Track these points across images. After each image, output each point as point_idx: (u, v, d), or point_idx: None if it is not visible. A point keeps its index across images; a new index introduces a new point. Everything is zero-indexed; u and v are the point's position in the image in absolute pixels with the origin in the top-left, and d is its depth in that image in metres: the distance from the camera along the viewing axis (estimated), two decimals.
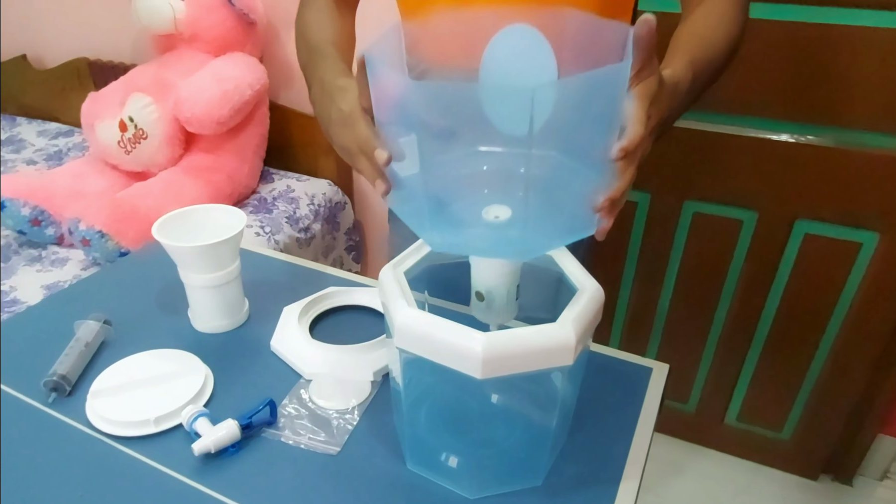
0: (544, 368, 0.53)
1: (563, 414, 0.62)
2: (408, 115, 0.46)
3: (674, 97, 0.58)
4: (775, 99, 1.30)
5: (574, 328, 0.52)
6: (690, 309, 1.58)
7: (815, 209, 1.34)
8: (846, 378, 1.49)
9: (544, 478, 0.63)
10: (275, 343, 0.81)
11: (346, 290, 0.91)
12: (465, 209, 0.53)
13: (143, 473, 0.63)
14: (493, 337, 0.50)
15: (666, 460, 1.71)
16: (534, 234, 0.49)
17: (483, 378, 0.50)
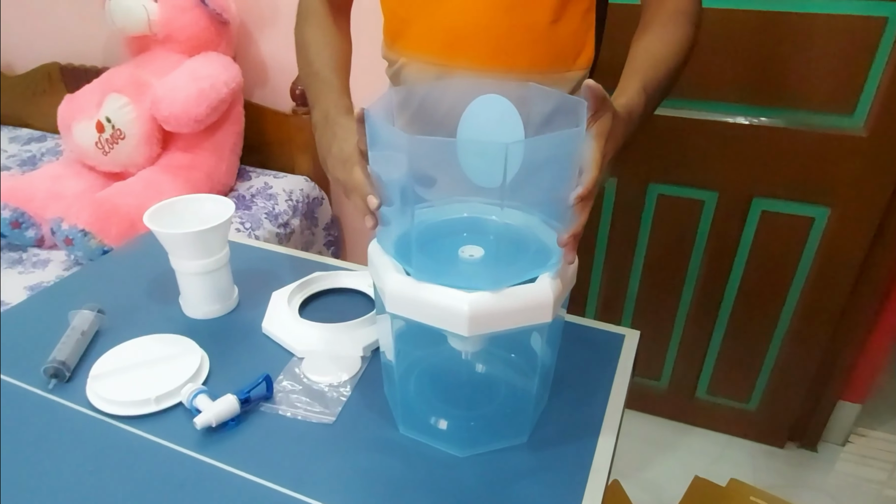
0: (525, 326, 0.58)
1: (543, 375, 0.67)
2: (400, 164, 0.54)
3: (628, 125, 0.66)
4: (731, 84, 1.37)
5: (552, 287, 0.57)
6: (659, 288, 1.65)
7: (771, 187, 1.42)
8: (806, 348, 1.57)
9: (529, 435, 0.68)
10: (266, 325, 0.85)
11: (332, 274, 0.95)
12: (444, 248, 0.62)
13: (149, 449, 0.66)
14: (478, 296, 0.55)
15: (640, 435, 1.78)
16: (502, 270, 0.58)
17: (470, 335, 0.55)
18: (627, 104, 0.66)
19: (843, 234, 1.40)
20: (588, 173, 0.58)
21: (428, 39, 0.86)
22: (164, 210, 0.84)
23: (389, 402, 0.72)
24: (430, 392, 0.72)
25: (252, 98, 1.85)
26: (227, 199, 0.86)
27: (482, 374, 0.74)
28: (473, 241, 0.62)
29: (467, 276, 0.59)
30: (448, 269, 0.60)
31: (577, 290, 1.75)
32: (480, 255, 0.60)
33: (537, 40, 0.82)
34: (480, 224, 0.64)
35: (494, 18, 0.80)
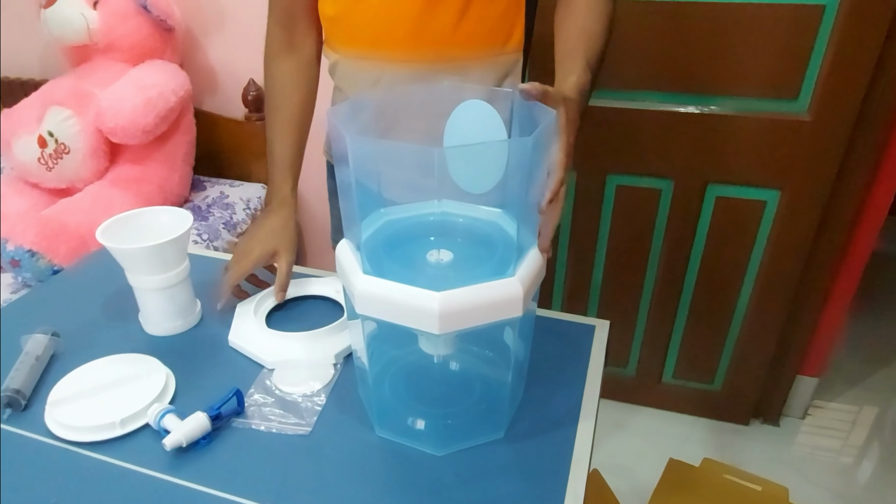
0: (497, 321, 0.58)
1: (517, 370, 0.67)
2: (368, 169, 0.55)
3: (581, 105, 0.68)
4: (680, 74, 1.41)
5: (522, 281, 0.57)
6: (623, 277, 1.68)
7: (724, 173, 1.46)
8: (764, 327, 1.62)
9: (506, 429, 0.68)
10: (233, 338, 0.82)
11: (299, 282, 0.93)
12: (412, 252, 0.62)
13: (116, 475, 0.64)
14: (447, 294, 0.54)
15: (611, 422, 1.81)
16: (471, 274, 0.58)
17: (441, 333, 0.55)
18: (577, 83, 0.69)
19: (793, 215, 1.45)
20: (553, 175, 0.59)
21: (355, 35, 0.87)
22: (118, 224, 0.80)
23: (365, 405, 0.71)
24: (405, 392, 0.71)
25: (202, 106, 1.80)
26: (185, 210, 0.83)
27: (456, 371, 0.74)
28: (442, 245, 0.61)
29: (436, 281, 0.58)
30: (416, 274, 0.59)
31: (544, 282, 1.76)
32: (449, 259, 0.60)
33: (463, 24, 0.82)
34: (449, 226, 0.64)
35: (416, 5, 0.80)
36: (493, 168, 0.54)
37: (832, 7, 1.25)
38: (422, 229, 0.64)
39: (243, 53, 1.71)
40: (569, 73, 0.71)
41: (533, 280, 0.60)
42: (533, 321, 0.70)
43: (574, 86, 0.67)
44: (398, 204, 0.64)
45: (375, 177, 0.58)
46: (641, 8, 1.35)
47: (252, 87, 1.68)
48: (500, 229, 0.63)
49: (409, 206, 0.64)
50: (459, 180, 0.54)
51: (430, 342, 0.62)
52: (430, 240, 0.63)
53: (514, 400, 0.70)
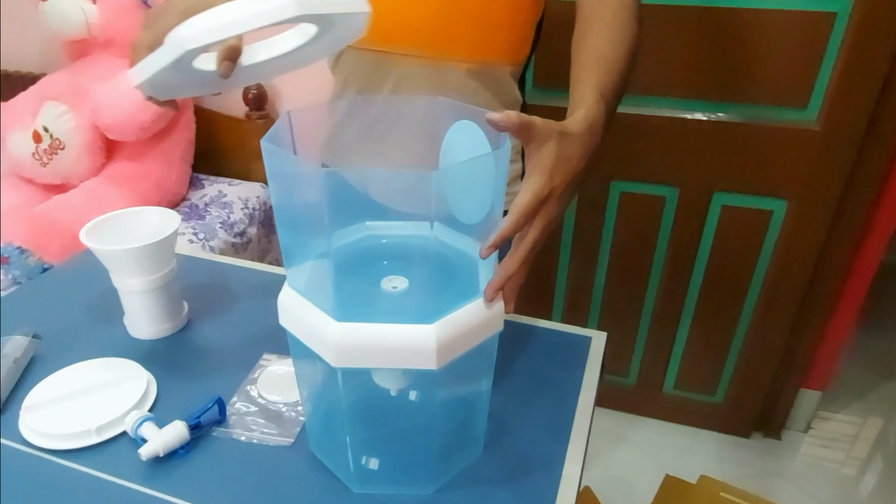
0: (484, 341, 0.55)
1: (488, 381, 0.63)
2: (312, 195, 0.49)
3: (592, 139, 0.59)
4: (688, 80, 1.38)
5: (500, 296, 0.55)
6: (624, 285, 1.65)
7: (730, 182, 1.43)
8: (768, 339, 1.59)
9: (483, 447, 0.65)
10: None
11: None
12: (364, 281, 0.57)
13: (91, 485, 0.61)
14: (441, 325, 0.50)
15: (610, 432, 1.78)
16: (433, 301, 0.52)
17: (438, 368, 0.51)
18: (587, 116, 0.60)
19: (800, 226, 1.42)
20: (507, 219, 0.52)
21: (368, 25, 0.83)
22: (105, 224, 0.78)
23: (329, 464, 0.64)
24: (378, 435, 0.65)
25: (202, 103, 1.78)
26: (173, 211, 0.81)
27: (415, 400, 0.67)
28: (396, 271, 0.56)
29: (394, 311, 0.54)
30: (371, 305, 0.55)
31: (544, 289, 1.75)
32: (405, 287, 0.55)
33: (481, 29, 0.79)
34: (401, 249, 0.59)
35: (435, 3, 0.77)
36: (473, 193, 0.50)
37: (843, 15, 1.22)
38: (358, 257, 0.59)
39: None
40: (578, 104, 0.62)
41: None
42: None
43: (581, 119, 0.59)
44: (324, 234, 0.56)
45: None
46: (648, 12, 1.31)
47: (253, 86, 1.65)
48: (459, 250, 0.57)
49: (338, 233, 0.58)
50: (452, 208, 0.51)
51: (388, 376, 0.57)
52: (383, 264, 0.58)
53: (480, 418, 0.67)
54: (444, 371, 0.52)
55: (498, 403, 0.71)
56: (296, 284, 0.56)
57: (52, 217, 1.30)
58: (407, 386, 0.59)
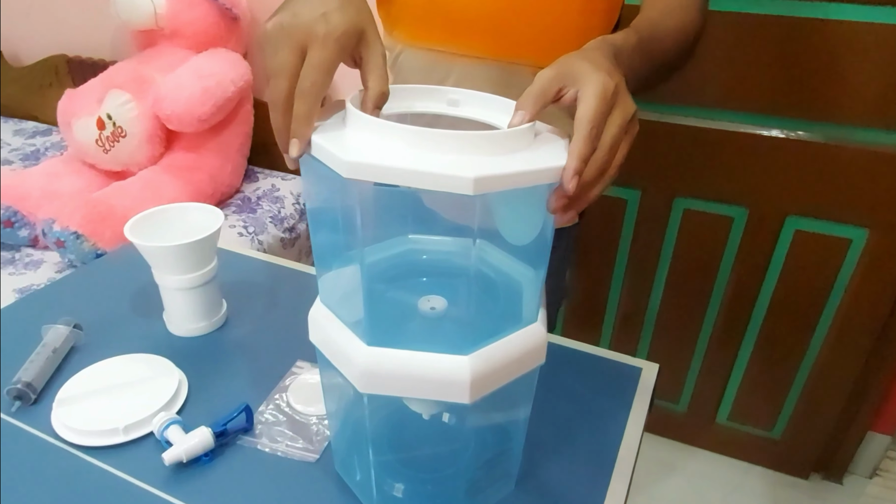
0: (522, 375, 0.50)
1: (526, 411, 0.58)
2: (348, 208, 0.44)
3: (616, 53, 0.52)
4: (766, 94, 1.29)
5: (543, 325, 0.50)
6: (681, 308, 1.57)
7: (806, 205, 1.33)
8: (836, 376, 1.48)
9: (516, 481, 0.61)
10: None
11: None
12: (400, 299, 0.52)
13: (112, 486, 0.60)
14: (477, 357, 0.46)
15: (656, 460, 1.69)
16: (466, 329, 0.48)
17: (471, 402, 0.47)
18: (603, 38, 0.53)
19: (882, 257, 1.30)
20: (579, 132, 0.43)
21: (426, 23, 0.78)
22: (151, 219, 0.78)
23: (354, 488, 0.60)
24: (406, 461, 0.62)
25: (263, 97, 1.79)
26: (217, 209, 0.80)
27: (449, 424, 0.63)
28: (435, 289, 0.52)
29: (429, 336, 0.50)
30: (405, 328, 0.51)
31: (594, 307, 1.69)
32: (443, 308, 0.50)
33: (550, 30, 0.74)
34: (443, 267, 0.55)
35: (504, 1, 0.73)
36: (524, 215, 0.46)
37: None
38: (398, 274, 0.55)
39: None
40: None
41: (546, 319, 0.52)
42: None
43: (598, 39, 0.53)
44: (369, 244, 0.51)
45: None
46: (728, 19, 1.24)
47: None
48: (487, 263, 0.53)
49: (375, 247, 0.53)
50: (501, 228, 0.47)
51: (420, 401, 0.53)
52: (421, 281, 0.54)
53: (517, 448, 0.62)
54: (477, 403, 0.48)
55: (535, 435, 0.66)
56: (328, 300, 0.53)
57: (109, 204, 1.32)
58: (439, 411, 0.55)
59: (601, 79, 0.44)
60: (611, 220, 1.53)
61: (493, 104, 0.51)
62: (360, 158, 0.39)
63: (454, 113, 0.52)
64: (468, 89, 0.52)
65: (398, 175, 0.39)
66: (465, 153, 0.41)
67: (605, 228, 1.55)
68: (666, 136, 1.37)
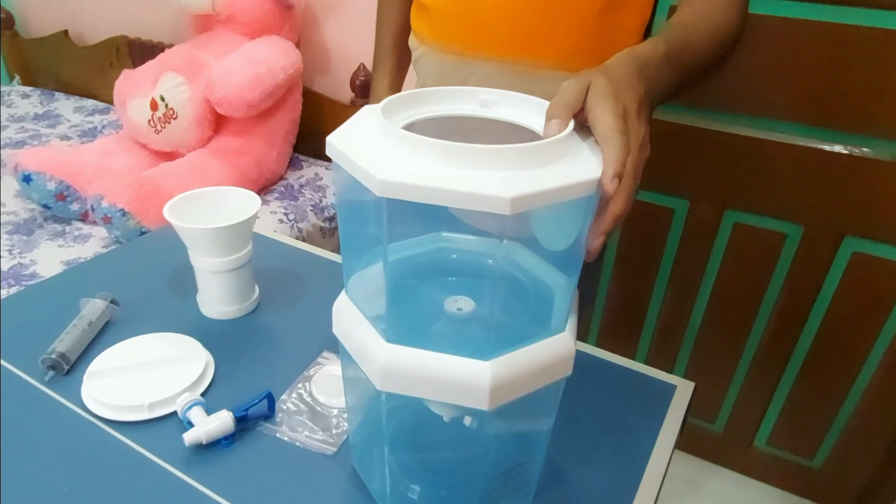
0: (546, 385, 0.48)
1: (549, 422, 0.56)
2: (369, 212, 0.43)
3: (641, 68, 0.52)
4: (830, 109, 1.22)
5: (572, 335, 0.48)
6: (724, 325, 1.51)
7: (866, 226, 1.26)
8: (886, 408, 1.39)
9: (535, 494, 0.59)
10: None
11: None
12: (426, 298, 0.51)
13: (135, 462, 0.61)
14: (498, 363, 0.45)
15: (687, 479, 1.64)
16: (491, 334, 0.46)
17: (490, 409, 0.46)
18: (630, 51, 0.53)
19: None
20: (609, 142, 0.43)
21: (448, 25, 0.77)
22: (191, 200, 0.79)
23: (368, 484, 0.59)
24: (421, 463, 0.60)
25: (312, 86, 1.80)
26: (255, 194, 0.80)
27: (469, 429, 0.61)
28: (464, 290, 0.50)
29: (452, 337, 0.48)
30: (428, 328, 0.50)
31: (632, 318, 1.64)
32: (471, 310, 0.49)
33: (576, 32, 0.72)
34: (474, 267, 0.53)
35: (537, 9, 0.71)
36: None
37: None
38: (426, 271, 0.54)
39: (357, 37, 1.70)
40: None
41: (576, 330, 0.50)
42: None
43: (624, 52, 0.53)
44: (396, 241, 0.51)
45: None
46: (792, 26, 1.18)
47: (361, 73, 1.65)
48: (526, 271, 0.52)
49: (406, 242, 0.53)
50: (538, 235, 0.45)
51: (441, 403, 0.51)
52: (450, 280, 0.53)
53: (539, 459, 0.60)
54: (498, 411, 0.47)
55: (558, 448, 0.64)
56: (353, 294, 0.52)
57: (156, 184, 1.35)
58: (460, 414, 0.54)
59: (609, 104, 0.45)
60: (656, 230, 1.48)
61: (527, 105, 0.49)
62: (393, 178, 0.38)
63: (487, 115, 0.50)
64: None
65: (433, 194, 0.38)
66: (502, 168, 0.40)
67: (650, 238, 1.50)
68: (720, 145, 1.31)
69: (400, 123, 0.47)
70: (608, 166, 0.42)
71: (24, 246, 1.35)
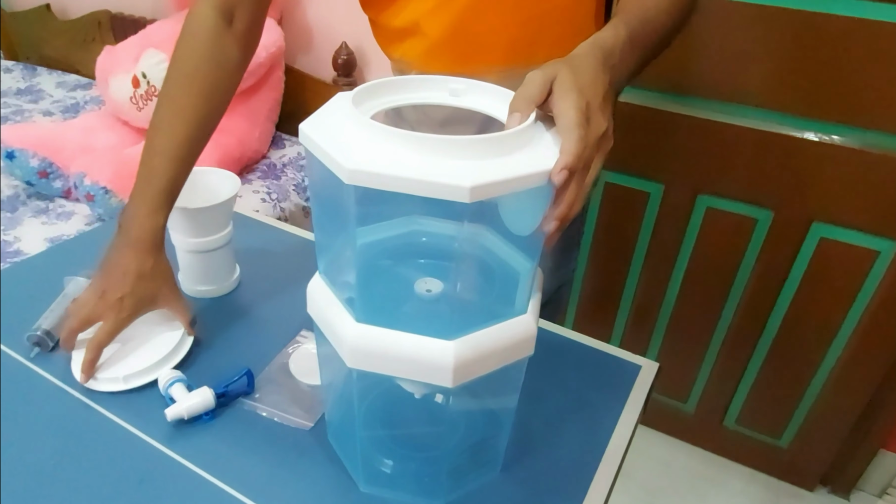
0: (509, 364, 0.51)
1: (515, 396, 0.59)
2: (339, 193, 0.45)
3: (605, 57, 0.53)
4: (801, 95, 1.25)
5: (534, 317, 0.51)
6: (697, 307, 1.55)
7: (834, 213, 1.29)
8: (852, 389, 1.45)
9: (503, 467, 0.62)
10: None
11: None
12: (396, 280, 0.53)
13: (118, 435, 0.63)
14: (462, 343, 0.47)
15: (659, 458, 1.69)
16: (456, 314, 0.49)
17: (454, 386, 0.48)
18: (595, 38, 0.55)
19: None
20: (568, 134, 0.45)
21: (446, 47, 0.77)
22: None
23: (342, 456, 0.62)
24: (391, 437, 0.63)
25: (295, 64, 1.80)
26: (235, 175, 0.81)
27: (440, 405, 0.64)
28: (432, 272, 0.53)
29: (419, 318, 0.50)
30: (397, 309, 0.52)
31: (608, 301, 1.67)
32: (439, 291, 0.51)
33: (570, 36, 0.73)
34: (443, 248, 0.55)
35: (508, 7, 0.73)
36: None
37: None
38: (403, 253, 0.56)
39: (340, 15, 1.70)
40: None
41: (538, 311, 0.53)
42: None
43: (589, 42, 0.54)
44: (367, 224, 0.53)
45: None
46: (766, 13, 1.20)
47: (344, 51, 1.65)
48: (492, 254, 0.54)
49: (378, 225, 0.55)
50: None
51: (410, 380, 0.54)
52: (419, 263, 0.55)
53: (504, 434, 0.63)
54: (463, 388, 0.49)
55: (526, 423, 0.67)
56: (326, 275, 0.54)
57: (138, 162, 1.35)
58: (431, 392, 0.57)
59: (573, 98, 0.47)
60: (631, 214, 1.51)
61: (495, 94, 0.52)
62: (360, 166, 0.40)
63: (456, 104, 0.52)
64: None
65: (397, 183, 0.40)
66: (464, 158, 0.42)
67: (625, 221, 1.53)
68: (694, 131, 1.34)
69: (370, 112, 0.49)
70: (560, 157, 0.44)
71: (7, 223, 1.35)
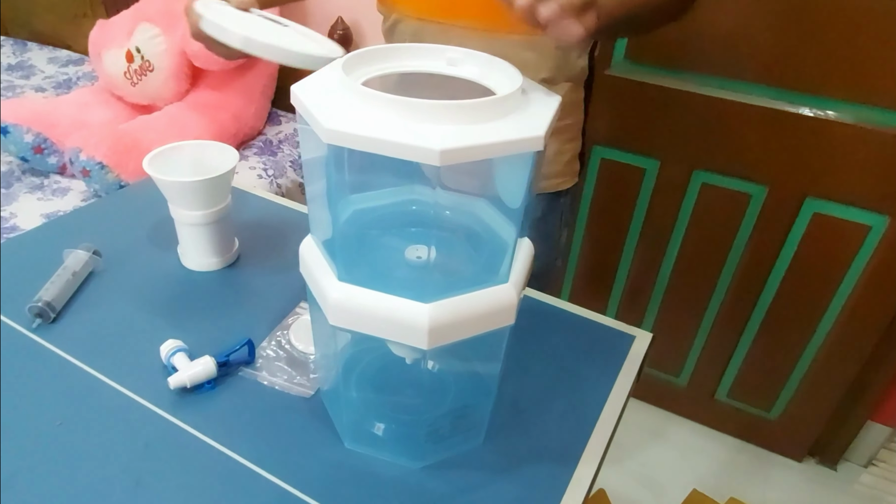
0: (488, 331, 0.52)
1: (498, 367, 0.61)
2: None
3: None
4: (798, 71, 1.25)
5: (515, 287, 0.51)
6: (691, 282, 1.57)
7: (827, 188, 1.30)
8: (841, 362, 1.47)
9: (490, 435, 0.63)
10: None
11: None
12: (388, 247, 0.55)
13: (121, 404, 0.64)
14: (437, 306, 0.49)
15: (651, 430, 1.72)
16: (436, 279, 0.50)
17: (429, 348, 0.50)
18: None
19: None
20: None
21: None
22: (168, 154, 0.80)
23: (332, 416, 0.65)
24: (374, 399, 0.65)
25: None
26: (233, 148, 0.82)
27: (430, 371, 0.66)
28: (422, 239, 0.54)
29: (404, 281, 0.52)
30: (396, 276, 0.53)
31: (603, 275, 1.69)
32: (430, 257, 0.53)
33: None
34: (424, 217, 0.57)
35: None
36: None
37: None
38: (395, 221, 0.57)
39: None
40: None
41: (523, 283, 0.54)
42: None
43: None
44: (367, 191, 0.56)
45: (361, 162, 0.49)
46: None
47: (340, 26, 1.64)
48: (481, 222, 0.55)
49: (379, 192, 0.56)
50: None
51: (401, 345, 0.56)
52: (410, 231, 0.57)
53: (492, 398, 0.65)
54: (443, 352, 0.51)
55: (516, 392, 0.68)
56: (316, 235, 0.56)
57: (134, 137, 1.35)
58: (417, 357, 0.58)
59: None
60: (626, 188, 1.52)
61: (492, 65, 0.52)
62: (338, 127, 0.42)
63: (453, 73, 0.52)
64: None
65: (371, 143, 0.41)
66: (444, 123, 0.43)
67: (621, 196, 1.54)
68: (690, 107, 1.34)
69: (362, 78, 0.49)
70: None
71: (3, 199, 1.35)
